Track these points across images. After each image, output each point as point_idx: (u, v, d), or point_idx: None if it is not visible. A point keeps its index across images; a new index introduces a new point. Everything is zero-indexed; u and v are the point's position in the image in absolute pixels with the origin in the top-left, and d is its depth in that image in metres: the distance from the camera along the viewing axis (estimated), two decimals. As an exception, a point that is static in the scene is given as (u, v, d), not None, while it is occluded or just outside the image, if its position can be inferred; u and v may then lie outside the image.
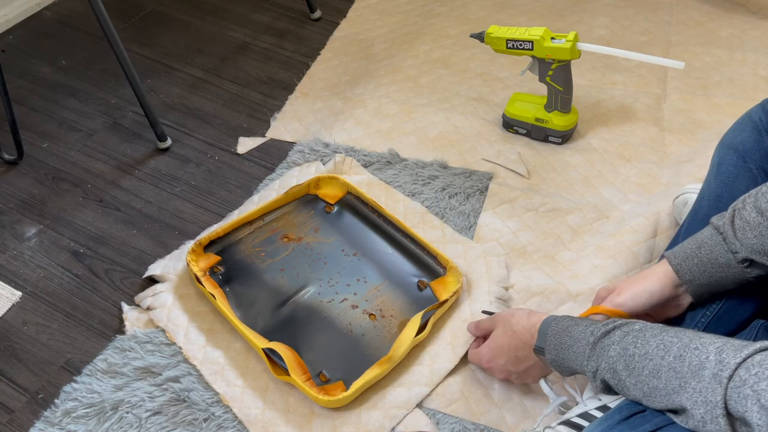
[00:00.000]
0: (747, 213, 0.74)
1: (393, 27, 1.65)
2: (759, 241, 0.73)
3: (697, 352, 0.62)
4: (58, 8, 1.76)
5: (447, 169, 1.26)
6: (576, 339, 0.75)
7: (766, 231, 0.72)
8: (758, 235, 0.73)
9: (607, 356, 0.70)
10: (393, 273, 1.08)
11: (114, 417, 0.93)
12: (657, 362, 0.64)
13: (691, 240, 0.79)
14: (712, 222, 0.78)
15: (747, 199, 0.75)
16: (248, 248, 1.12)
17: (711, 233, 0.78)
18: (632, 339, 0.68)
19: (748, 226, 0.73)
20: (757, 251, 0.73)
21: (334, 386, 0.93)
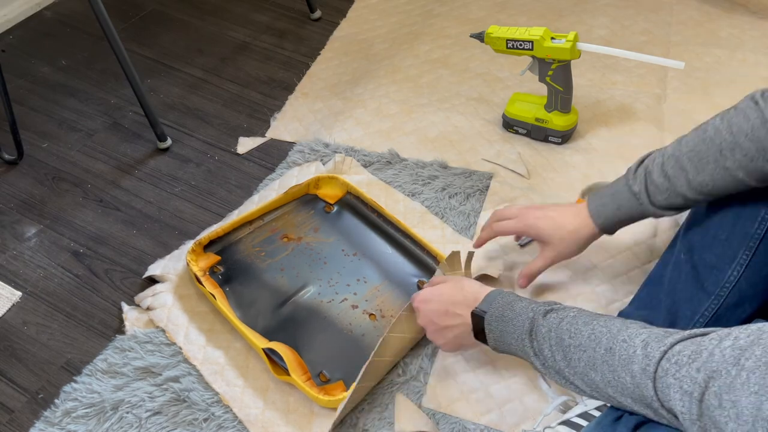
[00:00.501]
0: (656, 177, 0.84)
1: (393, 27, 1.65)
2: (668, 202, 0.84)
3: (625, 345, 0.65)
4: (58, 8, 1.76)
5: (447, 169, 1.26)
6: (517, 314, 0.78)
7: (674, 193, 0.83)
8: (667, 197, 0.84)
9: (547, 344, 0.73)
10: (393, 273, 1.08)
11: (114, 417, 0.93)
12: (591, 354, 0.68)
13: (611, 198, 0.90)
14: (629, 185, 0.87)
15: (656, 160, 0.85)
16: (248, 248, 1.12)
17: (628, 197, 0.88)
18: (567, 327, 0.72)
19: (658, 190, 0.84)
20: (667, 208, 0.85)
21: (335, 386, 0.93)
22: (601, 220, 0.91)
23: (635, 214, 0.89)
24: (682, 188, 0.82)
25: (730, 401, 0.53)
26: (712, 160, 0.78)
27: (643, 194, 0.86)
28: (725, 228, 0.82)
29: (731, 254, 0.81)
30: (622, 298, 1.04)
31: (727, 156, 0.76)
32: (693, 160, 0.80)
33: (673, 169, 0.82)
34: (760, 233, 0.80)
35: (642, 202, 0.86)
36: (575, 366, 0.70)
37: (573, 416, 0.83)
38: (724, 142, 0.76)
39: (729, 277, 0.80)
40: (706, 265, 0.82)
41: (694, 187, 0.81)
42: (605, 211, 0.91)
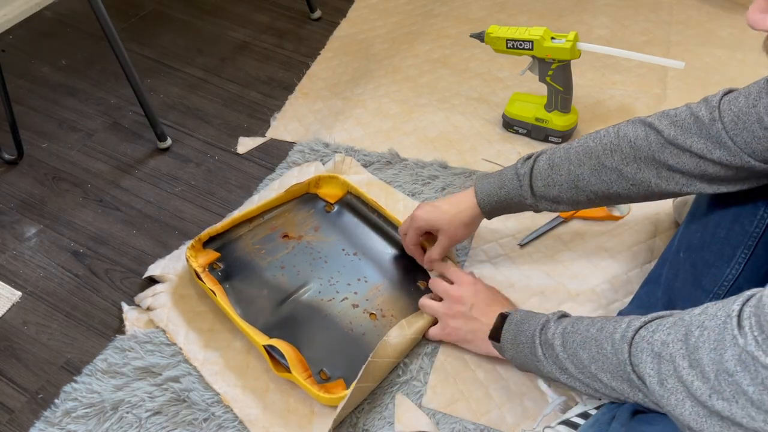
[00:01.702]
0: (542, 163, 0.90)
1: (393, 27, 1.65)
2: (545, 190, 0.90)
3: (615, 323, 0.70)
4: (58, 8, 1.76)
5: (447, 169, 1.26)
6: (536, 316, 0.84)
7: (551, 182, 0.89)
8: (545, 185, 0.89)
9: (551, 335, 0.78)
10: (393, 273, 1.08)
11: (114, 417, 0.93)
12: (584, 335, 0.73)
13: (497, 177, 0.94)
14: (517, 168, 0.92)
15: (548, 150, 0.90)
16: (248, 245, 1.12)
17: (512, 177, 0.92)
18: (572, 321, 0.78)
19: (540, 175, 0.89)
20: (542, 198, 0.91)
21: (335, 384, 0.93)
22: (483, 196, 0.95)
23: (514, 198, 0.93)
24: (561, 177, 0.88)
25: (696, 360, 0.57)
26: (594, 156, 0.85)
27: (526, 177, 0.90)
28: (724, 226, 0.82)
29: (730, 253, 0.81)
30: (622, 298, 1.04)
31: (608, 155, 0.84)
32: (579, 154, 0.87)
33: (559, 159, 0.88)
34: (758, 232, 0.80)
35: (523, 184, 0.91)
36: (569, 348, 0.75)
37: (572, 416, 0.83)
38: (610, 143, 0.84)
39: (727, 275, 0.81)
40: (705, 263, 0.82)
41: (571, 179, 0.87)
42: (488, 187, 0.95)
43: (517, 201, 0.93)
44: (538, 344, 0.79)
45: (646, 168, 0.81)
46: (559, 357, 0.76)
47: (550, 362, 0.78)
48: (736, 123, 0.73)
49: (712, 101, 0.77)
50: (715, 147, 0.75)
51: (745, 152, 0.74)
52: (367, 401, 0.94)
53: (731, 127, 0.74)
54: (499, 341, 0.87)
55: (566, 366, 0.75)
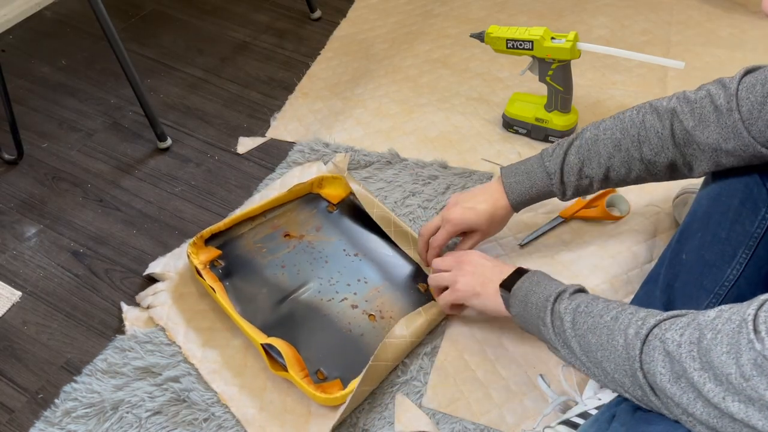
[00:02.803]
0: (572, 158, 0.91)
1: (393, 27, 1.65)
2: (577, 183, 0.93)
3: (630, 315, 0.70)
4: (58, 8, 1.76)
5: (447, 169, 1.26)
6: (552, 280, 0.84)
7: (583, 175, 0.92)
8: (577, 178, 0.92)
9: (563, 308, 0.77)
10: (394, 275, 1.08)
11: (114, 417, 0.93)
12: (596, 320, 0.72)
13: (526, 176, 0.96)
14: (545, 165, 0.94)
15: (574, 142, 0.92)
16: (249, 244, 1.12)
17: (542, 176, 0.95)
18: (586, 299, 0.77)
19: (571, 170, 0.92)
20: (574, 189, 0.94)
21: (332, 384, 0.93)
22: (514, 197, 0.97)
23: (544, 193, 0.96)
24: (593, 171, 0.91)
25: (708, 362, 0.57)
26: (624, 149, 0.88)
27: (557, 174, 0.93)
28: (725, 227, 0.82)
29: (731, 253, 0.81)
30: (622, 298, 1.04)
31: (636, 147, 0.87)
32: (608, 147, 0.89)
33: (588, 151, 0.90)
34: (760, 232, 0.80)
35: (554, 182, 0.94)
36: (578, 328, 0.74)
37: (572, 416, 0.83)
38: (638, 135, 0.86)
39: (728, 276, 0.80)
40: (706, 263, 0.82)
41: (603, 172, 0.90)
42: (519, 188, 0.97)
43: (547, 194, 0.97)
44: (548, 311, 0.79)
45: (673, 156, 0.85)
46: (566, 333, 0.75)
47: (556, 333, 0.77)
48: (751, 113, 0.76)
49: (730, 88, 0.78)
50: (731, 137, 0.78)
51: (758, 142, 0.77)
52: (368, 401, 0.94)
53: (747, 117, 0.76)
54: (510, 291, 0.86)
55: (571, 344, 0.75)
